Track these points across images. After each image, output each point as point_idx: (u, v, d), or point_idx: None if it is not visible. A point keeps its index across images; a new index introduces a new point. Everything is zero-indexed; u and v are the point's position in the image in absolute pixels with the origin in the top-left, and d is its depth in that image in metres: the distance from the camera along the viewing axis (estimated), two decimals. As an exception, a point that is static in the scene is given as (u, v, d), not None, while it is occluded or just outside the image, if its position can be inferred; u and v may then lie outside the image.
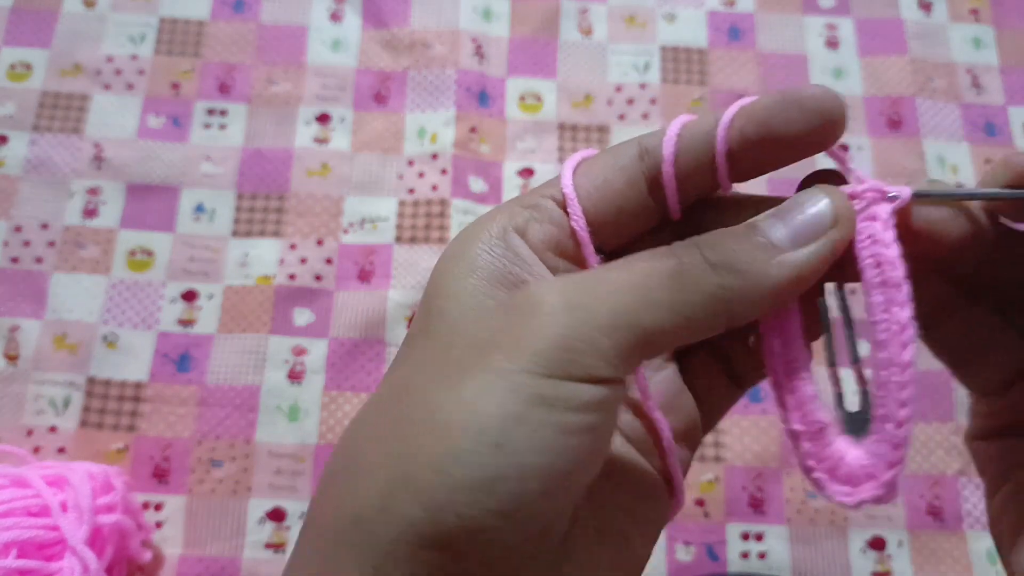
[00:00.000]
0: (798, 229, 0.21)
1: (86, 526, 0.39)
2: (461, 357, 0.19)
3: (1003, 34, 0.58)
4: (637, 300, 0.19)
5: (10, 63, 0.55)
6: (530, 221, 0.23)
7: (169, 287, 0.50)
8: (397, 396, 0.20)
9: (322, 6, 0.57)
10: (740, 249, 0.20)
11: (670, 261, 0.20)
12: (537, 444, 0.18)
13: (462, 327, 0.21)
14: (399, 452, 0.19)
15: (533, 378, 0.19)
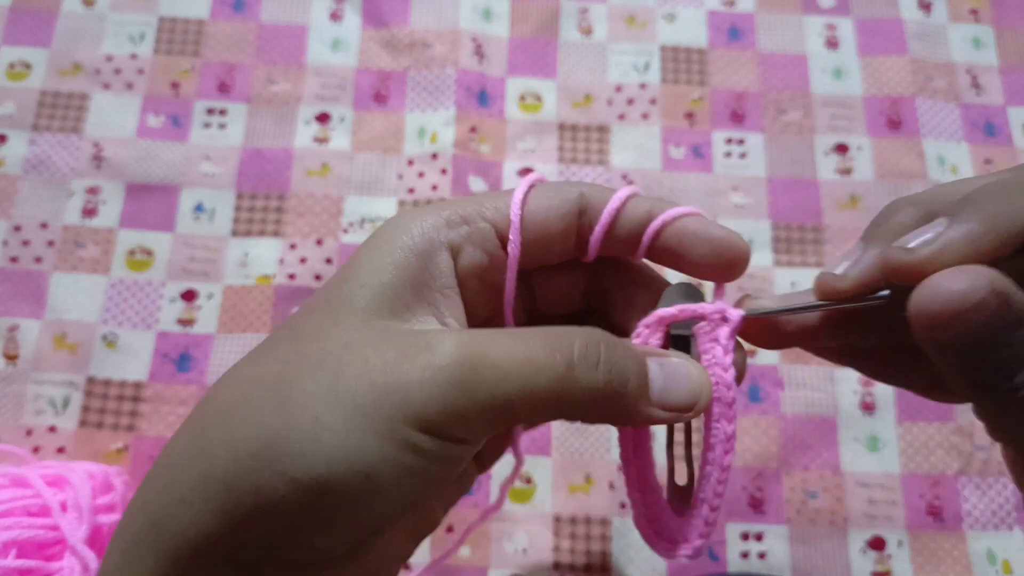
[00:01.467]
0: (667, 394, 0.25)
1: (86, 526, 0.39)
2: (355, 391, 0.22)
3: (1003, 34, 0.58)
4: (516, 388, 0.22)
5: (9, 62, 0.55)
6: (465, 244, 0.26)
7: (169, 287, 0.50)
8: (286, 390, 0.22)
9: (322, 6, 0.57)
10: (630, 367, 0.24)
11: (561, 360, 0.23)
12: (399, 480, 0.22)
13: (361, 338, 0.23)
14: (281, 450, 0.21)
15: (411, 431, 0.22)
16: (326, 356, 0.23)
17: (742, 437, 0.48)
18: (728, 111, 0.55)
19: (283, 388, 0.23)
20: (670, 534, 0.28)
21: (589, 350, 0.23)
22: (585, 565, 0.45)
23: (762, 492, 0.47)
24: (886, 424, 0.48)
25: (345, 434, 0.21)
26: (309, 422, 0.22)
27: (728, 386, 0.26)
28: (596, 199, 0.27)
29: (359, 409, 0.22)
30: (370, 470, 0.21)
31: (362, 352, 0.23)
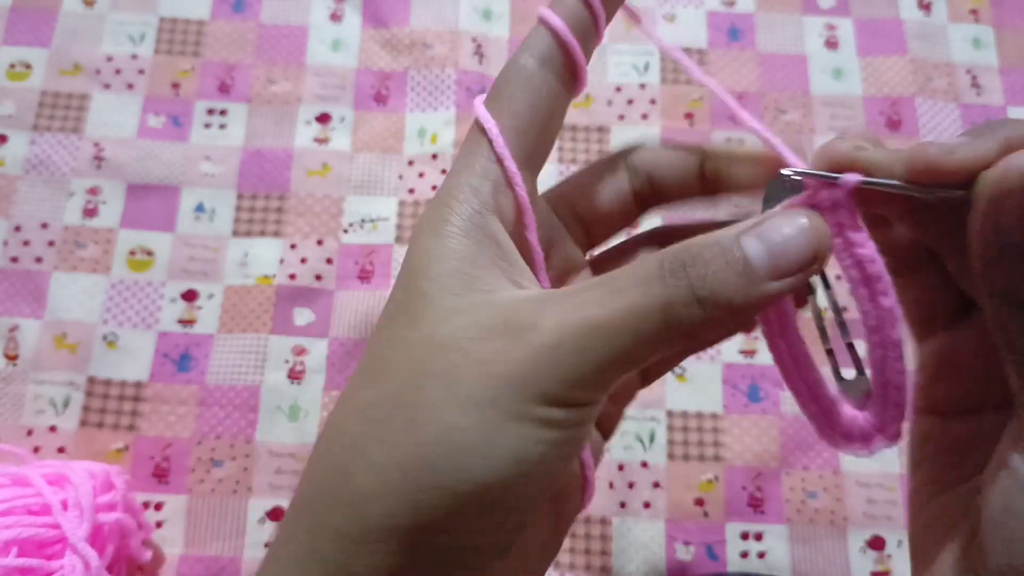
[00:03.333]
0: (777, 254, 0.22)
1: (87, 524, 0.39)
2: (478, 383, 0.22)
3: (1003, 34, 0.58)
4: (628, 341, 0.22)
5: (9, 62, 0.55)
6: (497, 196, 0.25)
7: (169, 287, 0.50)
8: (411, 407, 0.22)
9: (322, 6, 0.57)
10: (723, 276, 0.22)
11: (658, 295, 0.22)
12: (543, 457, 0.22)
13: (461, 335, 0.23)
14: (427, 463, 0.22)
15: (541, 408, 0.22)
16: (434, 361, 0.23)
17: (742, 437, 0.48)
18: (728, 111, 0.55)
19: (406, 404, 0.22)
20: (860, 433, 0.25)
21: (676, 279, 0.22)
22: (585, 565, 0.45)
23: (762, 492, 0.47)
24: (886, 424, 0.48)
25: (484, 430, 0.21)
26: (445, 430, 0.22)
27: (871, 260, 0.24)
28: (542, 45, 0.26)
29: (487, 404, 0.22)
30: (517, 456, 0.21)
31: (467, 349, 0.22)
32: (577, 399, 0.22)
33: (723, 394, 0.49)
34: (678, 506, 0.46)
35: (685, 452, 0.48)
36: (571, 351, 0.22)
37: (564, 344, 0.22)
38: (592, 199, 0.29)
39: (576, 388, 0.22)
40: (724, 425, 0.48)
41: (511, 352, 0.22)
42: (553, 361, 0.21)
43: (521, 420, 0.21)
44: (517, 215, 0.26)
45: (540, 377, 0.21)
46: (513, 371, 0.22)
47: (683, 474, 0.47)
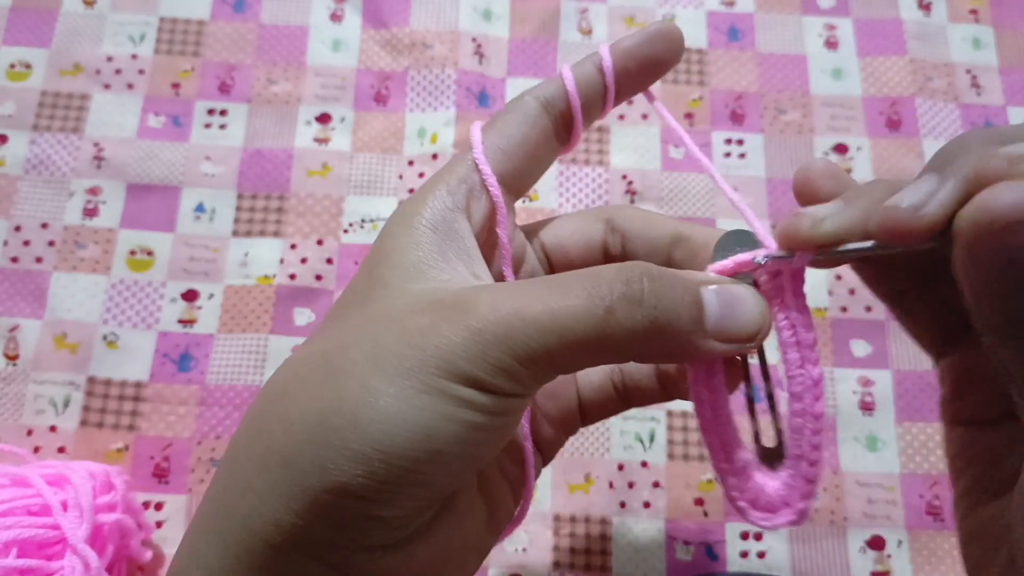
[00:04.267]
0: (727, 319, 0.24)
1: (87, 525, 0.39)
2: (402, 354, 0.22)
3: (1003, 34, 0.58)
4: (554, 340, 0.22)
5: (10, 62, 0.55)
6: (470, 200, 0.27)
7: (169, 287, 0.50)
8: (337, 371, 0.23)
9: (322, 6, 0.57)
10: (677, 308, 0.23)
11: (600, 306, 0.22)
12: (456, 437, 0.22)
13: (399, 310, 0.24)
14: (337, 423, 0.22)
15: (461, 387, 0.22)
16: (367, 328, 0.23)
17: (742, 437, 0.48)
18: (727, 111, 0.55)
19: (329, 363, 0.23)
20: (766, 502, 0.26)
21: (630, 287, 0.22)
22: (585, 565, 0.45)
23: (762, 492, 0.47)
24: (885, 424, 0.48)
25: (397, 398, 0.21)
26: (359, 390, 0.22)
27: (807, 327, 0.24)
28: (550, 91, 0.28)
29: (406, 372, 0.22)
30: (429, 429, 0.21)
31: (400, 321, 0.23)
32: (498, 387, 0.22)
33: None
34: (678, 506, 0.46)
35: (685, 452, 0.48)
36: (498, 337, 0.22)
37: (491, 329, 0.22)
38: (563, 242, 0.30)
39: (498, 375, 0.22)
40: (724, 425, 0.48)
41: (440, 328, 0.22)
42: (478, 344, 0.22)
43: (437, 394, 0.21)
44: (489, 214, 0.27)
45: (463, 357, 0.22)
46: (438, 346, 0.22)
47: (683, 474, 0.47)
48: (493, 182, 0.27)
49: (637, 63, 0.28)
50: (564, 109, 0.28)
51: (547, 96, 0.28)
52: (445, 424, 0.22)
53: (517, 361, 0.22)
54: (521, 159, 0.27)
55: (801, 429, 0.25)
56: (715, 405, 0.26)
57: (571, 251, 0.30)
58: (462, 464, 0.23)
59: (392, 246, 0.25)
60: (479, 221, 0.27)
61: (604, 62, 0.28)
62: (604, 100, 0.28)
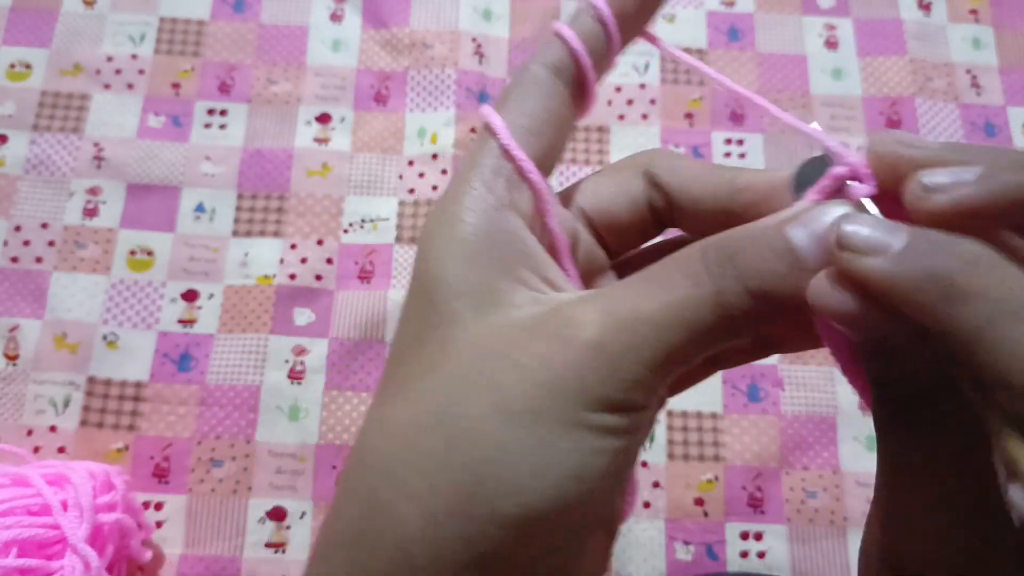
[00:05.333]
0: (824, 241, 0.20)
1: (87, 525, 0.39)
2: (527, 393, 0.20)
3: (1002, 34, 0.58)
4: (682, 335, 0.20)
5: (10, 62, 0.55)
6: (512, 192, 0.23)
7: (169, 287, 0.50)
8: (452, 425, 0.20)
9: (322, 6, 0.57)
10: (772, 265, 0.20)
11: (708, 286, 0.20)
12: (606, 468, 0.20)
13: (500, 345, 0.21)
14: (477, 491, 0.19)
15: (598, 415, 0.19)
16: (471, 373, 0.21)
17: (741, 437, 0.48)
18: (727, 111, 0.55)
19: (444, 424, 0.20)
20: None
21: (723, 267, 0.20)
22: (585, 565, 0.45)
23: (762, 492, 0.47)
24: (886, 424, 0.48)
25: (536, 446, 0.19)
26: (492, 450, 0.19)
27: None
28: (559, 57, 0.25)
29: (538, 415, 0.19)
30: (578, 471, 0.19)
31: (508, 356, 0.20)
32: (632, 401, 0.20)
33: (723, 394, 0.49)
34: (678, 506, 0.46)
35: (685, 452, 0.48)
36: (621, 349, 0.20)
37: (613, 341, 0.20)
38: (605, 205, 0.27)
39: (630, 389, 0.20)
40: (724, 425, 0.48)
41: (556, 355, 0.20)
42: (603, 361, 0.20)
43: (576, 430, 0.19)
44: (536, 205, 0.24)
45: (591, 380, 0.19)
46: (561, 376, 0.20)
47: (683, 474, 0.47)
48: (531, 167, 0.23)
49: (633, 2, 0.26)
50: (575, 72, 0.25)
51: (554, 62, 0.25)
52: (591, 459, 0.19)
53: (647, 368, 0.20)
54: (549, 136, 0.24)
55: None
56: None
57: (616, 214, 0.27)
58: (611, 496, 0.21)
59: (447, 271, 0.22)
60: (527, 213, 0.23)
61: (602, 10, 0.25)
62: (609, 49, 0.26)
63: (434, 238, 0.22)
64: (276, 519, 0.46)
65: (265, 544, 0.45)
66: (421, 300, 0.22)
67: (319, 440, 0.47)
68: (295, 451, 0.47)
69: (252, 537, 0.45)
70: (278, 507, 0.46)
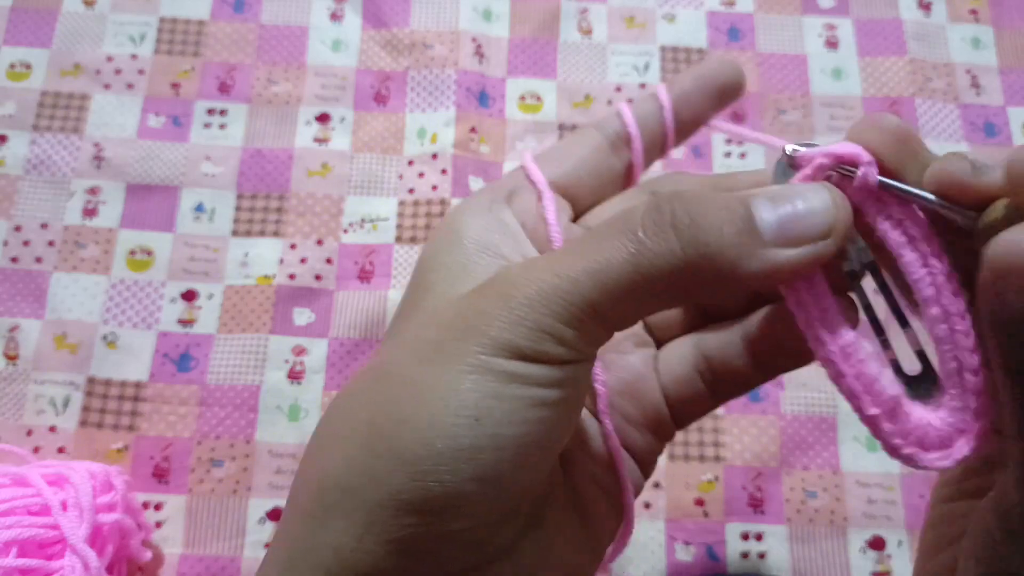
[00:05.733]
0: (787, 223, 0.20)
1: (86, 525, 0.39)
2: (441, 340, 0.21)
3: (1002, 34, 0.58)
4: (602, 293, 0.20)
5: (10, 62, 0.55)
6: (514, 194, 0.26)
7: (169, 287, 0.50)
8: (383, 375, 0.22)
9: (322, 6, 0.57)
10: (720, 228, 0.20)
11: (629, 246, 0.20)
12: (510, 417, 0.20)
13: (443, 305, 0.22)
14: (384, 426, 0.20)
15: (505, 361, 0.20)
16: (412, 330, 0.23)
17: (741, 437, 0.48)
18: (728, 111, 0.55)
19: (377, 371, 0.22)
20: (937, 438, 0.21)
21: (658, 215, 0.20)
22: (585, 565, 0.45)
23: (762, 492, 0.47)
24: (886, 424, 0.48)
25: (440, 386, 0.20)
26: (403, 389, 0.20)
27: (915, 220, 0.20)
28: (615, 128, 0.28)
29: (446, 357, 0.20)
30: (478, 411, 0.19)
31: (443, 313, 0.22)
32: (545, 353, 0.20)
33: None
34: (678, 506, 0.46)
35: (685, 452, 0.48)
36: (532, 299, 0.20)
37: (524, 292, 0.20)
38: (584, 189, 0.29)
39: (542, 340, 0.20)
40: (724, 425, 0.48)
41: (475, 305, 0.21)
42: (514, 310, 0.20)
43: (481, 372, 0.19)
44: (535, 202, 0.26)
45: (500, 327, 0.20)
46: (476, 322, 0.20)
47: (683, 474, 0.47)
48: (535, 170, 0.26)
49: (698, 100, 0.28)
50: (624, 141, 0.28)
51: (609, 132, 0.28)
52: (495, 403, 0.19)
53: (559, 321, 0.20)
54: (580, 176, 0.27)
55: (949, 336, 0.20)
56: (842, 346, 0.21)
57: None
58: (527, 450, 0.20)
59: (436, 248, 0.25)
60: (524, 208, 0.26)
61: (664, 102, 0.28)
62: (664, 139, 0.28)
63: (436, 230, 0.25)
64: (276, 519, 0.46)
65: (265, 544, 0.45)
66: (412, 279, 0.25)
67: (319, 440, 0.47)
68: (295, 451, 0.47)
69: (252, 537, 0.45)
70: (278, 507, 0.46)
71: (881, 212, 0.21)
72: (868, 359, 0.21)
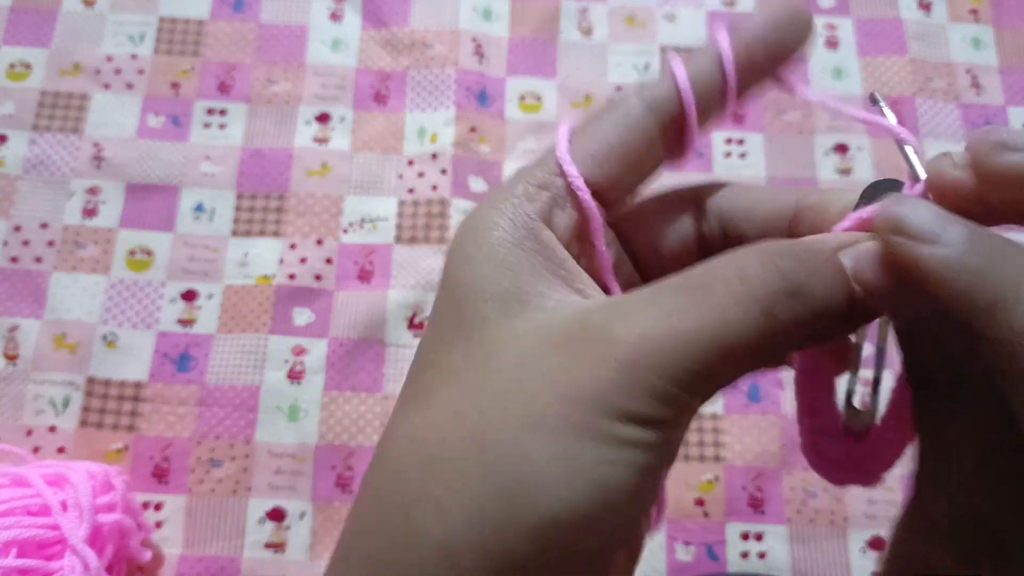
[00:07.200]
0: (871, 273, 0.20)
1: (86, 525, 0.39)
2: (552, 403, 0.19)
3: (1003, 34, 0.58)
4: (724, 359, 0.19)
5: (10, 62, 0.55)
6: (552, 207, 0.23)
7: (169, 287, 0.50)
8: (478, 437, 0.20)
9: (322, 6, 0.57)
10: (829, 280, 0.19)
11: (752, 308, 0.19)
12: (631, 483, 0.19)
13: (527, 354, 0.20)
14: (499, 501, 0.19)
15: (623, 427, 0.19)
16: (500, 384, 0.20)
17: (742, 437, 0.48)
18: (728, 111, 0.55)
19: (467, 432, 0.20)
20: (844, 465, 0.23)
21: (786, 280, 0.19)
22: (585, 565, 0.45)
23: (762, 492, 0.47)
24: (886, 424, 0.48)
25: (562, 457, 0.19)
26: (515, 459, 0.19)
27: None
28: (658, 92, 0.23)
29: (564, 426, 0.19)
30: (602, 482, 0.19)
31: (535, 366, 0.20)
32: (660, 416, 0.19)
33: (723, 394, 0.49)
34: (678, 506, 0.46)
35: (685, 452, 0.48)
36: (652, 366, 0.19)
37: (645, 359, 0.19)
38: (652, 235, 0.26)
39: (658, 405, 0.19)
40: (724, 425, 0.48)
41: (585, 366, 0.19)
42: (633, 375, 0.19)
43: (601, 441, 0.19)
44: (581, 222, 0.23)
45: (618, 393, 0.19)
46: (589, 387, 0.19)
47: (683, 474, 0.47)
48: (581, 184, 0.23)
49: (764, 52, 0.23)
50: (675, 112, 0.23)
51: (654, 97, 0.23)
52: (616, 471, 0.19)
53: (676, 386, 0.19)
54: (615, 166, 0.23)
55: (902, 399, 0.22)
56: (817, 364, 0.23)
57: (661, 246, 0.26)
58: (638, 509, 0.20)
59: (478, 273, 0.22)
60: (565, 232, 0.23)
61: (724, 53, 0.23)
62: (724, 99, 0.24)
63: (465, 241, 0.22)
64: (276, 519, 0.46)
65: (264, 544, 0.45)
66: (449, 304, 0.22)
67: (319, 440, 0.47)
68: (295, 451, 0.47)
69: (251, 537, 0.45)
70: (278, 507, 0.46)
71: None
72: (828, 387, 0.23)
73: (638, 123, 0.23)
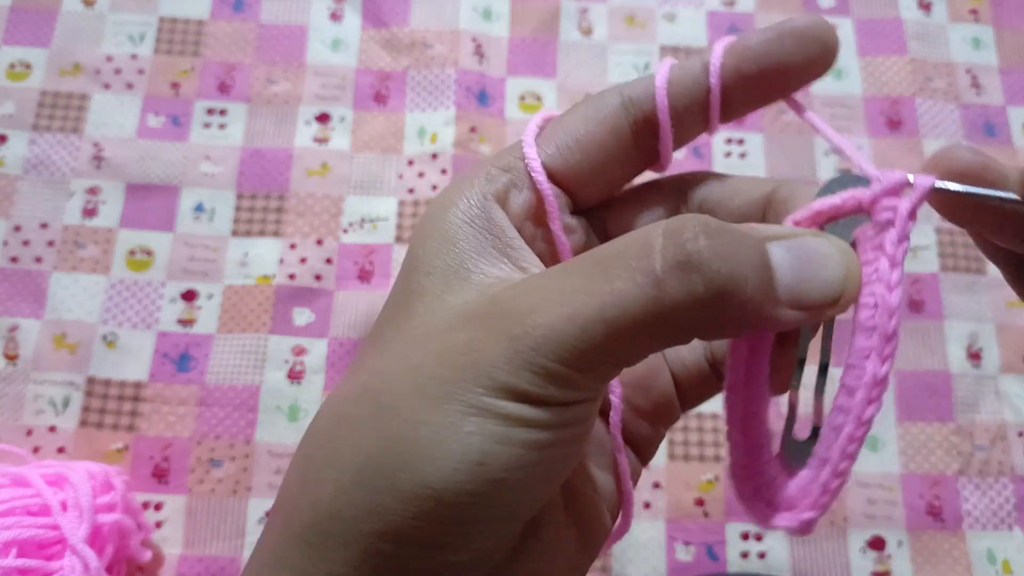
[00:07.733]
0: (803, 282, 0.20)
1: (86, 525, 0.39)
2: (443, 377, 0.20)
3: (1003, 34, 0.58)
4: (612, 337, 0.19)
5: (10, 62, 0.55)
6: (510, 189, 0.23)
7: (169, 287, 0.50)
8: (382, 408, 0.20)
9: (322, 6, 0.57)
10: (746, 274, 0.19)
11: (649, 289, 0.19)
12: (514, 462, 0.19)
13: (439, 328, 0.21)
14: (385, 464, 0.20)
15: (509, 403, 0.19)
16: (408, 353, 0.21)
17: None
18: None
19: (374, 400, 0.20)
20: (773, 496, 0.22)
21: (684, 250, 0.19)
22: (585, 565, 0.45)
23: (762, 492, 0.47)
24: (886, 424, 0.48)
25: (442, 426, 0.19)
26: (405, 426, 0.19)
27: (890, 313, 0.20)
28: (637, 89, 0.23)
29: (448, 397, 0.19)
30: (481, 456, 0.19)
31: (439, 340, 0.20)
32: (551, 396, 0.19)
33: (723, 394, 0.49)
34: (678, 506, 0.46)
35: (685, 452, 0.48)
36: (539, 343, 0.19)
37: (532, 335, 0.19)
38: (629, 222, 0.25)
39: (547, 384, 0.19)
40: (724, 425, 0.48)
41: (481, 340, 0.20)
42: (520, 352, 0.19)
43: (484, 415, 0.19)
44: (538, 204, 0.23)
45: (504, 369, 0.19)
46: (479, 361, 0.19)
47: (683, 474, 0.47)
48: (537, 167, 0.23)
49: (759, 67, 0.22)
50: (649, 111, 0.23)
51: (631, 94, 0.23)
52: (499, 448, 0.19)
53: (566, 365, 0.19)
54: (578, 155, 0.23)
55: (840, 429, 0.21)
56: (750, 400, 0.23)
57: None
58: (532, 490, 0.20)
59: (427, 249, 0.22)
60: (519, 213, 0.23)
61: (712, 62, 0.22)
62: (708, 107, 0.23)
63: (426, 221, 0.23)
64: (276, 519, 0.46)
65: (265, 544, 0.45)
66: (400, 278, 0.23)
67: (319, 440, 0.47)
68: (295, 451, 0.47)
69: (252, 537, 0.45)
70: (278, 507, 0.46)
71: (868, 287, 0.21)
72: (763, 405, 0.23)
73: (610, 118, 0.23)
